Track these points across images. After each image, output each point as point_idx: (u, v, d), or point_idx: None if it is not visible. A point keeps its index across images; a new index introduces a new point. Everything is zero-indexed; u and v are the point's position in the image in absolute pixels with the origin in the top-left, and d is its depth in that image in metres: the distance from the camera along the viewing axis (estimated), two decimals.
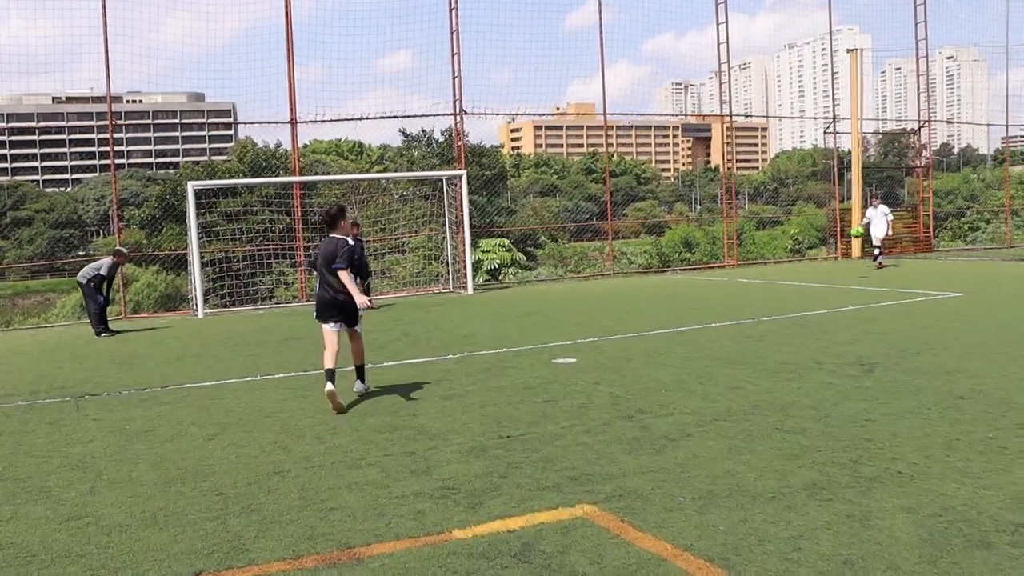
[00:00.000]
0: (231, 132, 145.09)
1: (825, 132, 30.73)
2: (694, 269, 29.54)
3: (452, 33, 24.21)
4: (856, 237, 28.48)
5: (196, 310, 20.54)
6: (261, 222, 30.39)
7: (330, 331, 9.45)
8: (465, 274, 22.98)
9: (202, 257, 21.33)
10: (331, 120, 22.91)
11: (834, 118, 30.98)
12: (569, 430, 7.69)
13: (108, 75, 21.09)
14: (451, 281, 23.86)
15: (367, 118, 23.20)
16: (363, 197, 39.70)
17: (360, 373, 9.98)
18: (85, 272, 17.66)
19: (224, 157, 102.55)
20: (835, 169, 34.90)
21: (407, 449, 7.31)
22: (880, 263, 25.05)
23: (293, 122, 22.40)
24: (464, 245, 22.95)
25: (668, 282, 24.11)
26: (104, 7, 20.98)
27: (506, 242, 35.04)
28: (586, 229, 65.63)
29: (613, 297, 20.24)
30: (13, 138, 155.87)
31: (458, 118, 24.46)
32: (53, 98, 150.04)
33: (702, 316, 15.37)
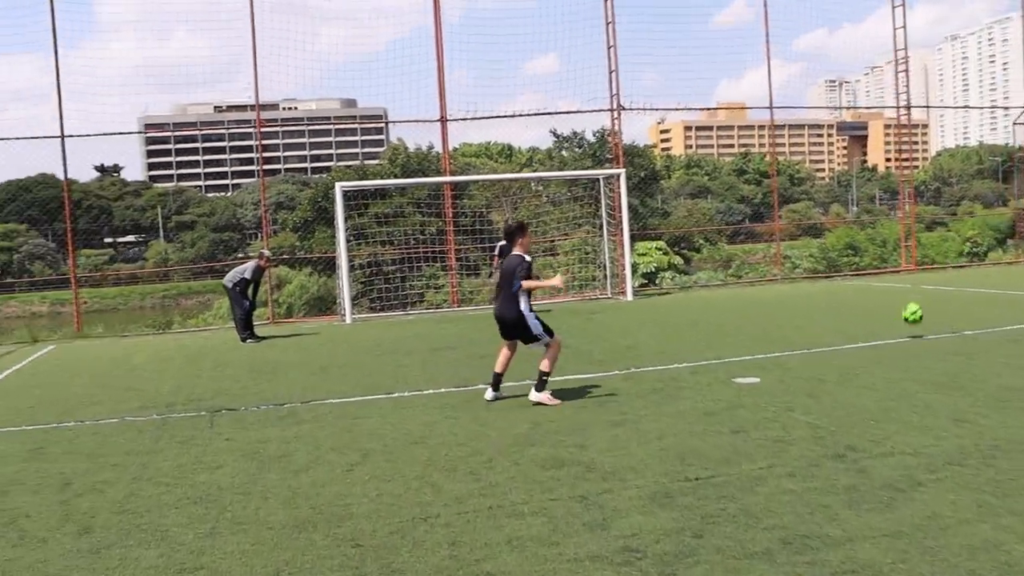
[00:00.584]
0: (383, 137, 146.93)
1: (1015, 123, 28.24)
2: (865, 275, 27.51)
3: (607, 25, 23.00)
4: None
5: (344, 315, 19.90)
6: (412, 225, 29.86)
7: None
8: (624, 279, 21.73)
9: (352, 260, 20.69)
10: (481, 117, 21.96)
11: None
12: (769, 472, 6.39)
13: (256, 85, 20.70)
14: (608, 286, 22.60)
15: (519, 115, 22.24)
16: (513, 199, 38.89)
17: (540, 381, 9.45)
18: (230, 276, 17.16)
19: (376, 161, 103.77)
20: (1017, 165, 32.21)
21: (576, 492, 6.14)
22: None
23: (443, 119, 21.56)
24: (623, 248, 21.70)
25: (842, 289, 22.30)
26: (252, 21, 20.59)
27: (663, 244, 33.62)
28: (739, 232, 63.45)
29: (785, 305, 18.66)
30: (178, 146, 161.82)
31: (615, 114, 23.20)
32: (215, 107, 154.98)
33: (892, 329, 13.71)
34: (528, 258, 9.45)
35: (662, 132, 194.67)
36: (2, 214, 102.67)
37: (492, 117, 22.24)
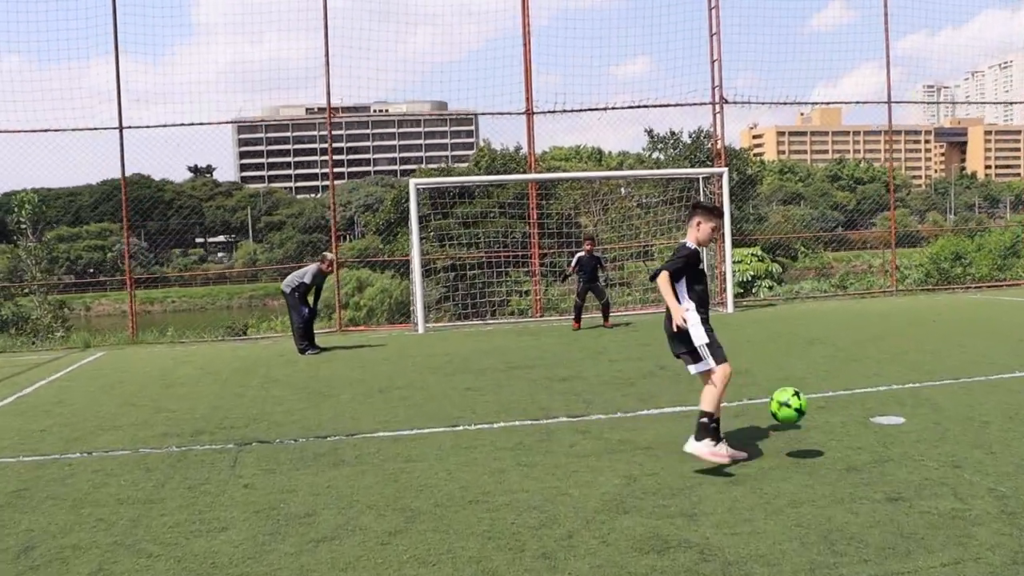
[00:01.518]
0: (472, 140, 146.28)
1: None
2: (987, 287, 25.05)
3: (710, 11, 21.06)
4: None
5: (417, 324, 18.31)
6: (497, 228, 28.33)
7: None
8: (724, 289, 19.74)
9: (433, 264, 19.13)
10: (570, 111, 20.19)
11: None
12: (956, 572, 4.53)
13: (328, 86, 19.38)
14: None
15: (611, 108, 20.39)
16: (603, 202, 37.14)
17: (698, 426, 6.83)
18: (289, 280, 15.66)
19: (465, 164, 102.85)
20: None
21: None
22: None
23: (529, 112, 19.87)
24: (724, 255, 19.72)
25: (968, 304, 19.97)
26: (325, 23, 19.26)
27: (759, 251, 31.43)
28: (835, 239, 60.90)
29: (909, 322, 16.48)
30: (270, 148, 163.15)
31: (716, 108, 21.24)
32: (307, 109, 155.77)
33: None
34: (691, 245, 6.95)
35: (755, 137, 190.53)
36: (96, 213, 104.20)
37: (582, 110, 20.39)
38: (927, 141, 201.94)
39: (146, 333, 20.44)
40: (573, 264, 17.47)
